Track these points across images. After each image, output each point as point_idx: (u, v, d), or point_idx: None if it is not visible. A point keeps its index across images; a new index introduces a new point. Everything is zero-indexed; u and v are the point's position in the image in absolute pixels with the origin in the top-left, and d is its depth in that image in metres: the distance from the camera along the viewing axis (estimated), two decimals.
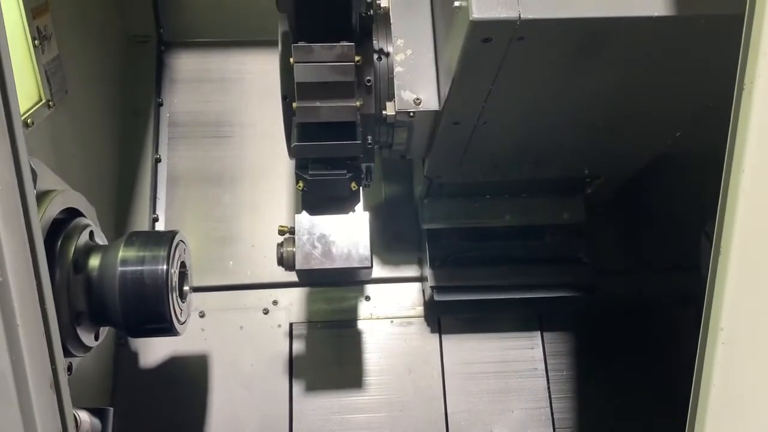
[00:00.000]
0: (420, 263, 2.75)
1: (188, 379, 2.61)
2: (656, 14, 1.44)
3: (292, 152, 1.90)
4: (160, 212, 2.78)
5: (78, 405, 1.58)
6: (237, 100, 2.96)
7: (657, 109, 1.90)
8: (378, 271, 2.73)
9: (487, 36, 1.47)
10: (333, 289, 2.76)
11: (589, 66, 1.65)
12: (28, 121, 1.88)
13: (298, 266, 1.97)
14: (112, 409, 1.69)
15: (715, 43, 1.50)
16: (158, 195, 2.79)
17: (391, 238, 2.78)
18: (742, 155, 0.91)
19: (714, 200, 0.97)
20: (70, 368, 1.67)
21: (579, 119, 1.91)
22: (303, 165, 1.94)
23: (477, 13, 1.42)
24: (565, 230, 2.59)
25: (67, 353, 1.65)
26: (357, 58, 1.73)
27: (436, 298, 2.52)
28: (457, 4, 1.51)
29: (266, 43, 2.97)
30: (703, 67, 1.64)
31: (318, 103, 1.75)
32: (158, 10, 2.94)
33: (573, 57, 1.60)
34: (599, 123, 1.94)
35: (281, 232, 2.07)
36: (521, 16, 1.42)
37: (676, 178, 2.56)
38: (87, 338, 1.73)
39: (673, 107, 1.90)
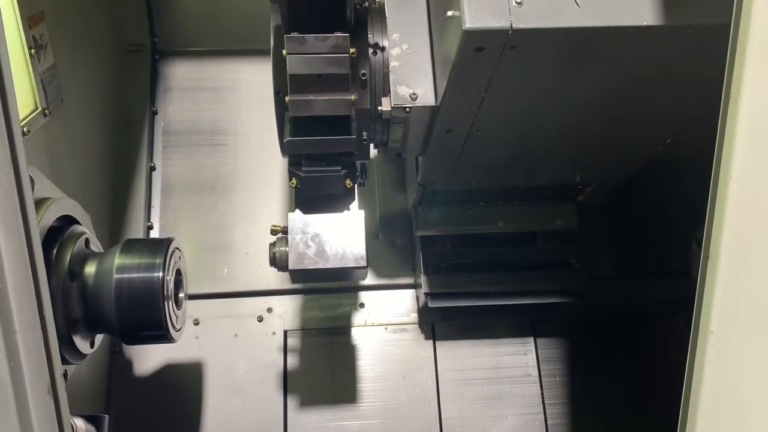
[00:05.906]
0: (414, 270, 2.77)
1: (182, 387, 2.61)
2: (645, 24, 1.46)
3: (285, 148, 1.85)
4: (155, 220, 2.78)
5: (72, 412, 1.58)
6: (231, 108, 2.98)
7: (647, 117, 1.92)
8: (372, 278, 2.74)
9: (480, 45, 1.48)
10: (327, 296, 2.77)
11: (581, 75, 1.67)
12: (24, 129, 1.88)
13: (291, 266, 1.90)
14: (107, 416, 1.69)
15: (704, 52, 1.52)
16: (152, 203, 2.80)
17: (385, 246, 2.79)
18: (730, 161, 0.93)
19: (704, 205, 0.99)
20: (65, 375, 1.67)
21: (571, 127, 1.93)
22: (296, 161, 1.89)
23: (470, 23, 1.43)
24: (558, 236, 2.61)
25: (62, 360, 1.65)
26: (352, 50, 1.69)
27: (430, 304, 2.53)
28: (450, 13, 1.52)
29: (260, 52, 2.99)
30: (693, 75, 1.66)
31: (311, 96, 1.71)
32: (153, 20, 2.96)
33: (564, 66, 1.62)
34: (590, 131, 1.96)
35: (274, 232, 2.01)
36: (513, 25, 1.43)
37: (666, 184, 2.59)
38: (82, 345, 1.73)
39: (663, 115, 1.92)
